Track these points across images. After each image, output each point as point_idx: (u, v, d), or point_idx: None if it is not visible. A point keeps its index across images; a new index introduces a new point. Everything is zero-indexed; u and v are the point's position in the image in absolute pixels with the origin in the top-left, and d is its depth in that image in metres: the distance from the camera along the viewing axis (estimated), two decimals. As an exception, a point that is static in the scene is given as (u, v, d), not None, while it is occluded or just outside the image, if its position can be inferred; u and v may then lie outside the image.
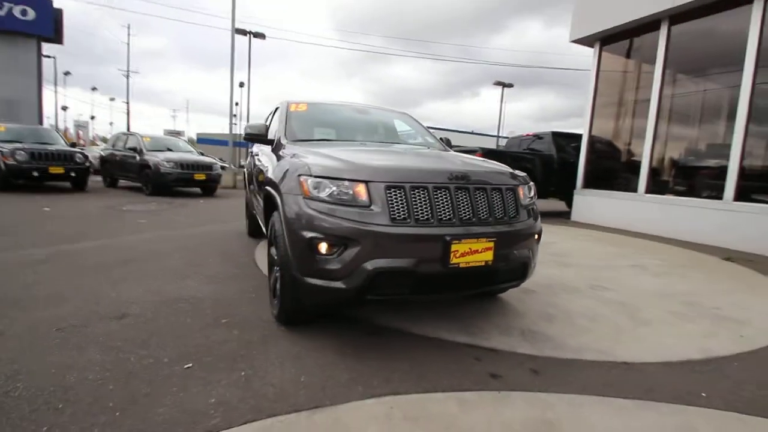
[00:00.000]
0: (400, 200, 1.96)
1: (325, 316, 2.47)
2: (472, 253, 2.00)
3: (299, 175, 2.07)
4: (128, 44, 35.68)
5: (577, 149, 8.44)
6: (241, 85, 33.11)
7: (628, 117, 7.52)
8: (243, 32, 18.73)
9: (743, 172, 5.38)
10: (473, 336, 2.36)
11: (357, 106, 3.85)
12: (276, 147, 2.99)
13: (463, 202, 2.07)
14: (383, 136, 3.48)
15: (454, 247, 1.94)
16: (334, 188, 1.98)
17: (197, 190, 10.21)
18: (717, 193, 5.67)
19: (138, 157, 9.33)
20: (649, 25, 6.53)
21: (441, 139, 3.71)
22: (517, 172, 2.46)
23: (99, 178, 11.26)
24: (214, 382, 1.76)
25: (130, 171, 9.67)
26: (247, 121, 14.12)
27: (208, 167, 9.62)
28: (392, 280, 1.94)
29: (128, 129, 32.76)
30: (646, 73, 6.83)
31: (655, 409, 1.72)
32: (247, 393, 1.69)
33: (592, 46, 7.68)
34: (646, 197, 6.67)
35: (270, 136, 3.24)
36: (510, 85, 28.31)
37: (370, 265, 1.88)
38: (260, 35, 19.98)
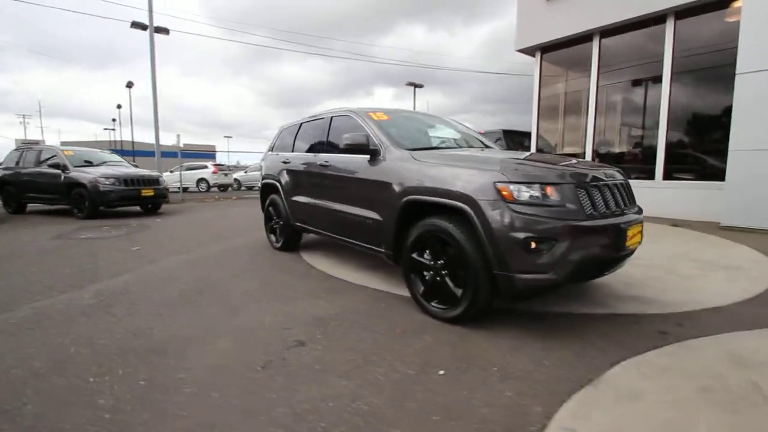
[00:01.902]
0: (585, 198, 2.29)
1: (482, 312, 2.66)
2: (634, 236, 2.44)
3: (495, 182, 2.25)
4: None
5: (521, 144, 9.68)
6: (129, 85, 29.03)
7: (569, 114, 8.89)
8: (142, 26, 16.47)
9: (668, 158, 6.91)
10: (606, 307, 2.81)
11: (422, 113, 4.02)
12: (382, 156, 3.03)
13: (616, 197, 2.49)
14: (468, 141, 3.73)
15: (628, 233, 2.35)
16: (532, 192, 2.22)
17: (136, 208, 8.96)
18: (649, 175, 7.16)
19: (63, 176, 7.79)
20: (583, 38, 7.85)
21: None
22: None
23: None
24: (487, 378, 1.88)
25: (51, 192, 8.00)
26: (155, 125, 12.45)
27: (154, 181, 8.49)
28: (588, 266, 2.27)
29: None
30: (582, 77, 8.18)
31: (781, 333, 2.37)
32: (526, 382, 1.86)
33: (533, 55, 8.88)
34: (590, 182, 8.01)
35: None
36: (420, 86, 30.14)
37: (576, 256, 2.18)
38: (163, 30, 17.81)
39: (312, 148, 4.13)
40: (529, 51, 8.84)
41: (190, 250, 4.81)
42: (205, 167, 20.16)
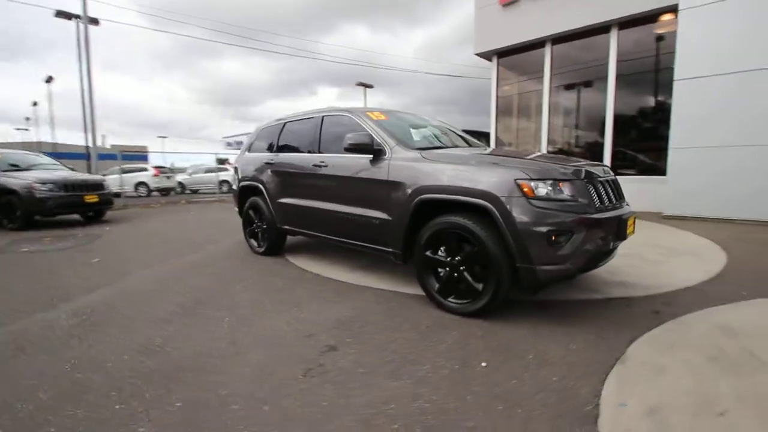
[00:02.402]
0: (592, 193, 2.48)
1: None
2: (630, 226, 2.68)
3: (516, 180, 2.35)
4: None
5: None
6: (49, 80, 25.90)
7: (524, 115, 9.45)
8: (70, 16, 14.78)
9: (614, 154, 7.63)
10: (600, 293, 3.06)
11: (410, 113, 4.06)
12: (388, 156, 3.04)
13: (613, 191, 2.73)
14: (454, 140, 3.83)
15: (628, 223, 2.58)
16: (549, 188, 2.36)
17: (75, 217, 8.07)
18: (598, 171, 7.85)
19: (-14, 182, 6.80)
20: (536, 45, 8.40)
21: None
22: None
23: None
24: (527, 366, 1.97)
25: (-30, 201, 6.94)
26: (91, 124, 11.22)
27: (98, 186, 7.71)
28: (597, 255, 2.47)
29: None
30: (537, 79, 8.74)
31: (752, 305, 2.73)
32: (563, 366, 1.98)
33: (490, 59, 9.32)
34: (546, 178, 8.61)
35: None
36: (370, 86, 30.23)
37: (589, 246, 2.36)
38: (93, 20, 16.10)
39: (301, 149, 4.01)
40: (487, 55, 9.28)
41: (164, 260, 4.45)
42: (145, 170, 18.61)
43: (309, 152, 3.87)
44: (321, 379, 1.89)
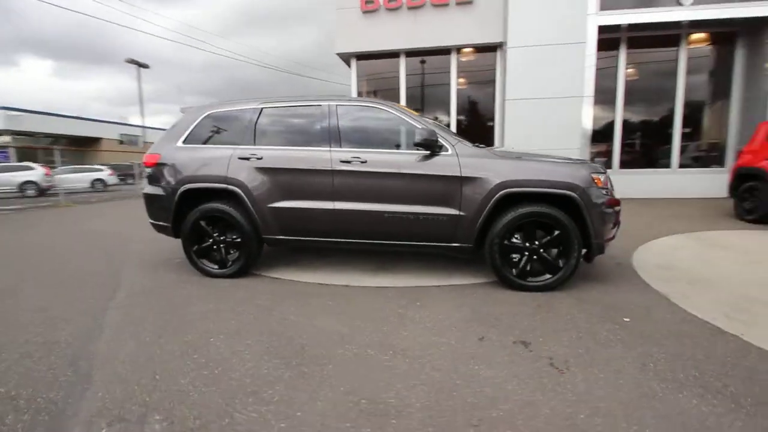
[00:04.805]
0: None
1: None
2: (609, 206, 3.76)
3: (591, 173, 2.95)
4: None
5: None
6: None
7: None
8: None
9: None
10: (575, 257, 4.08)
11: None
12: (452, 152, 3.08)
13: (598, 180, 3.73)
14: None
15: (614, 203, 3.63)
16: (603, 178, 3.08)
17: None
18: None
19: None
20: (392, 54, 9.31)
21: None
22: None
23: None
24: (648, 312, 2.61)
25: None
26: None
27: None
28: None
29: None
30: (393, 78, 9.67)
31: (646, 250, 4.30)
32: (657, 308, 2.73)
33: (349, 63, 9.63)
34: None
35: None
36: (146, 66, 24.41)
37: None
38: None
39: (301, 142, 3.35)
40: (346, 57, 9.55)
41: (100, 303, 2.77)
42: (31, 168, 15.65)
43: (318, 146, 3.30)
44: (579, 368, 1.95)
